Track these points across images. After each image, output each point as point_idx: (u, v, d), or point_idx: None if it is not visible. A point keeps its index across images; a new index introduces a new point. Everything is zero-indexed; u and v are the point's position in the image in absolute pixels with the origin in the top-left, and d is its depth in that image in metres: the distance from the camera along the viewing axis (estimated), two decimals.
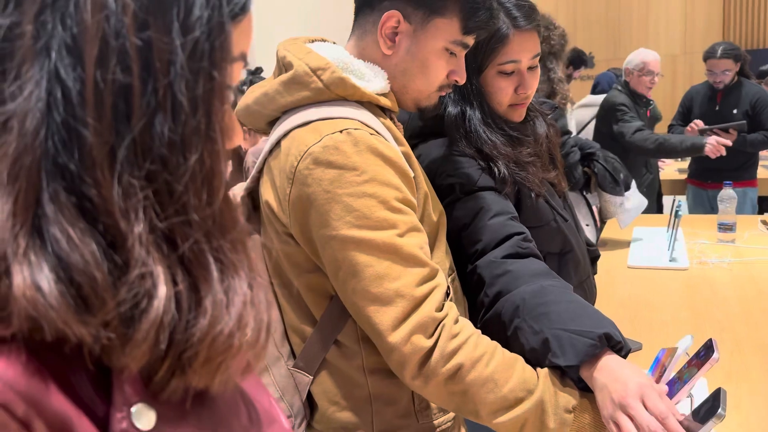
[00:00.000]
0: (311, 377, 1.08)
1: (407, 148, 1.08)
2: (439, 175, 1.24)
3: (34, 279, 0.33)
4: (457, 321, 0.95)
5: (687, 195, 3.93)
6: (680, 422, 0.91)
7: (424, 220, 1.07)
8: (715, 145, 3.04)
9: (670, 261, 2.23)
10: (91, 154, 0.36)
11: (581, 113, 4.10)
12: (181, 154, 0.39)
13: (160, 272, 0.37)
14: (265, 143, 1.08)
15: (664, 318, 1.70)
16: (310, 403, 1.14)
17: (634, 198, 2.28)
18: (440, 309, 0.94)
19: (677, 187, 4.42)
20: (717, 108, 3.71)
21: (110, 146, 0.36)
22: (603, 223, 2.86)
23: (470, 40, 1.07)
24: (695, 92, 3.89)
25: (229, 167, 0.45)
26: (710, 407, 0.89)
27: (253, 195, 1.11)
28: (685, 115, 3.88)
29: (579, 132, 4.06)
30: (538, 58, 1.31)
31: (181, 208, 0.39)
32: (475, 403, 0.94)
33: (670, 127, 3.91)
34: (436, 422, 1.11)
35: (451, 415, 1.12)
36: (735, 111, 3.66)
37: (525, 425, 0.95)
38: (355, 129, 0.95)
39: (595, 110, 4.16)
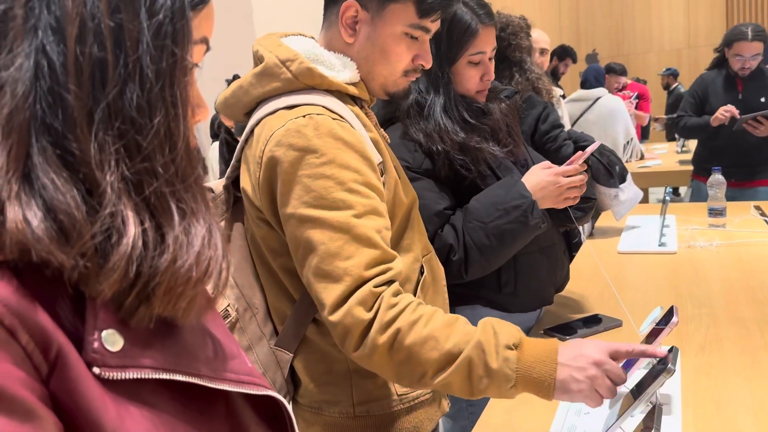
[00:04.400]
0: (291, 355, 1.14)
1: (375, 134, 1.14)
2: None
3: (25, 215, 0.41)
4: (397, 294, 0.97)
5: (692, 189, 3.69)
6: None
7: (395, 204, 1.13)
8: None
9: (660, 246, 2.27)
10: (72, 115, 0.44)
11: (572, 108, 4.11)
12: (147, 116, 0.47)
13: (129, 214, 0.45)
14: None
15: (647, 298, 1.75)
16: (294, 379, 1.20)
17: (629, 190, 2.32)
18: (380, 285, 0.96)
19: (680, 178, 4.41)
20: (740, 97, 3.35)
21: (88, 109, 0.44)
22: (597, 214, 2.91)
23: (428, 24, 1.11)
24: (709, 80, 3.48)
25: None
26: (662, 365, 0.94)
27: (235, 184, 1.17)
28: (698, 106, 3.53)
29: (572, 126, 4.07)
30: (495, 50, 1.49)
31: (146, 160, 0.46)
32: (421, 364, 0.94)
33: (680, 119, 3.60)
34: (413, 394, 1.17)
35: None
36: (763, 99, 3.32)
37: (471, 372, 0.93)
38: (318, 114, 1.01)
39: (585, 105, 4.18)
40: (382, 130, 1.23)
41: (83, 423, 0.43)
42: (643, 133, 7.06)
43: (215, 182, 1.19)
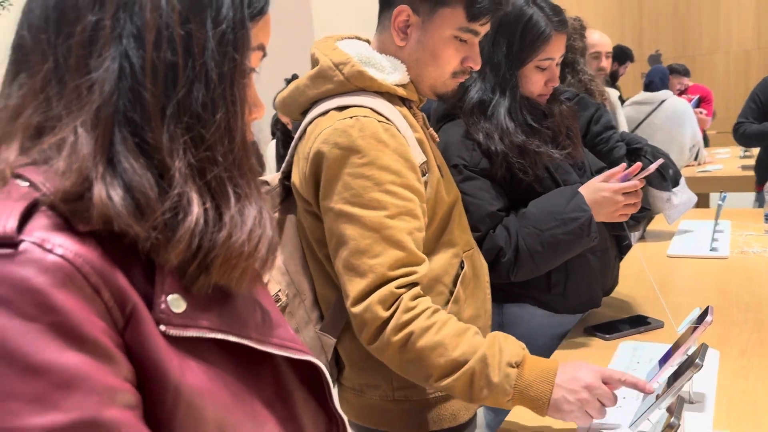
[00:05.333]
0: (335, 339, 1.21)
1: (422, 134, 1.19)
2: (450, 155, 1.43)
3: (108, 193, 0.50)
4: (416, 298, 1.03)
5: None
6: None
7: (436, 202, 1.18)
8: None
9: (711, 250, 2.24)
10: (149, 110, 0.52)
11: (635, 110, 4.03)
12: (210, 112, 0.55)
13: (193, 195, 0.53)
14: None
15: (694, 302, 1.74)
16: (338, 362, 1.27)
17: (682, 194, 2.29)
18: (401, 287, 1.03)
19: (742, 184, 4.27)
20: None
21: (162, 105, 0.53)
22: (650, 217, 2.87)
23: (478, 27, 1.16)
24: None
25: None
26: (691, 360, 0.97)
27: (288, 178, 1.25)
28: (760, 111, 3.43)
29: (633, 129, 4.00)
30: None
31: (209, 150, 0.55)
32: (427, 367, 1.01)
33: (739, 125, 3.48)
34: None
35: None
36: None
37: (473, 381, 1.00)
38: (364, 116, 1.08)
39: (650, 108, 4.09)
40: (430, 129, 1.29)
41: (151, 370, 0.51)
42: (703, 138, 6.84)
43: (271, 176, 1.27)
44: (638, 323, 1.58)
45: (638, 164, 1.49)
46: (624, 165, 1.46)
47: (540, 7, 1.48)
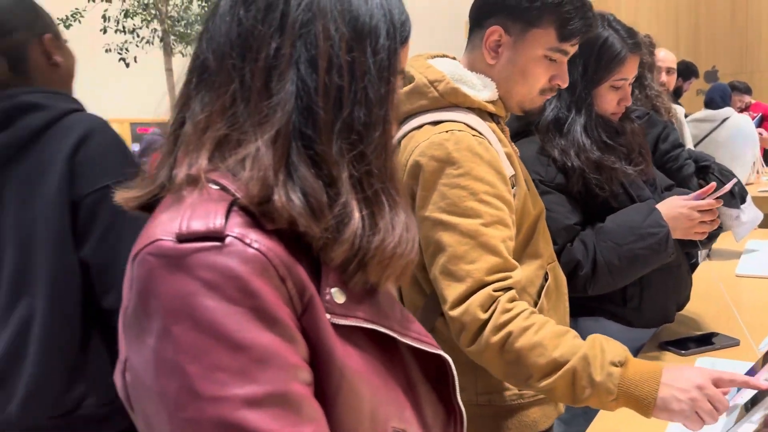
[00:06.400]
0: None
1: (510, 148, 1.24)
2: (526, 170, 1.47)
3: (289, 197, 0.57)
4: (512, 300, 1.06)
5: None
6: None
7: (523, 214, 1.23)
8: None
9: None
10: (320, 126, 0.60)
11: (697, 128, 3.98)
12: (371, 130, 0.62)
13: (354, 204, 0.60)
14: None
15: (766, 321, 1.74)
16: None
17: (750, 211, 2.28)
18: (498, 291, 1.06)
19: None
20: None
21: (332, 122, 0.60)
22: (716, 234, 2.85)
23: (568, 47, 1.21)
24: None
25: None
26: None
27: None
28: None
29: (695, 146, 3.95)
30: None
31: (368, 164, 0.62)
32: (527, 367, 1.03)
33: None
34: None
35: None
36: None
37: (575, 381, 1.01)
38: (459, 131, 1.14)
39: (712, 125, 4.04)
40: (513, 143, 1.34)
41: (321, 352, 0.58)
42: (765, 156, 6.66)
43: None
44: (712, 340, 1.59)
45: (713, 184, 1.51)
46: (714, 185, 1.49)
47: (615, 30, 1.53)
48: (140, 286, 0.54)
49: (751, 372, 1.16)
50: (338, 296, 0.60)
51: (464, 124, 1.16)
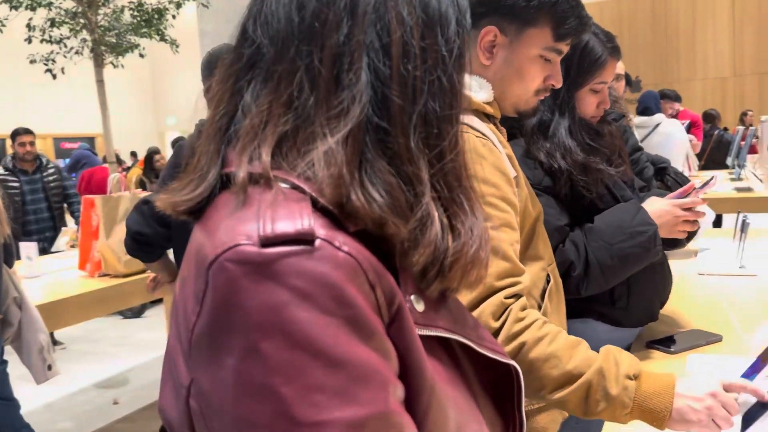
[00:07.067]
0: None
1: (510, 150, 1.22)
2: None
3: (371, 195, 0.50)
4: (524, 308, 1.04)
5: None
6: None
7: (524, 215, 1.20)
8: None
9: (740, 268, 2.30)
10: (396, 118, 0.53)
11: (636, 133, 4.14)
12: (447, 126, 0.57)
13: (432, 204, 0.54)
14: None
15: (739, 316, 1.78)
16: None
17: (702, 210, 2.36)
18: (510, 297, 1.03)
19: (729, 206, 4.35)
20: None
21: (408, 114, 0.54)
22: None
23: (563, 47, 1.20)
24: None
25: None
26: None
27: None
28: None
29: None
30: None
31: (446, 163, 0.56)
32: (540, 379, 1.01)
33: None
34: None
35: None
36: None
37: (589, 395, 0.99)
38: (463, 132, 1.10)
39: (646, 131, 4.21)
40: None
41: (412, 367, 0.52)
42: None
43: None
44: (695, 337, 1.61)
45: (692, 183, 1.54)
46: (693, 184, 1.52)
47: (595, 33, 1.54)
48: (219, 297, 0.46)
49: (755, 366, 1.18)
50: (418, 304, 0.55)
51: (467, 125, 1.12)
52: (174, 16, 8.99)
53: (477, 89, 1.21)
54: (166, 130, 17.65)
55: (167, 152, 9.54)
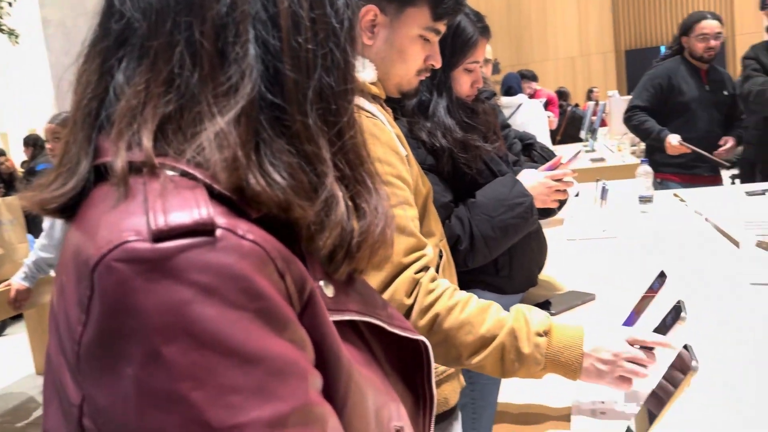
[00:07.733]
0: None
1: (398, 129, 1.23)
2: None
3: (272, 177, 0.47)
4: (433, 280, 1.06)
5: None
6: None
7: (416, 193, 1.23)
8: None
9: (603, 231, 2.50)
10: (290, 93, 0.50)
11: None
12: (343, 101, 0.54)
13: (335, 184, 0.52)
14: None
15: (606, 274, 1.94)
16: None
17: None
18: (419, 272, 1.05)
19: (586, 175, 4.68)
20: (707, 88, 3.31)
21: (303, 89, 0.51)
22: None
23: (441, 27, 1.22)
24: (671, 70, 3.32)
25: None
26: (673, 315, 1.08)
27: None
28: (658, 96, 3.36)
29: None
30: None
31: (345, 140, 0.54)
32: (456, 347, 1.04)
33: (634, 109, 3.44)
34: (441, 368, 1.26)
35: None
36: (725, 92, 3.32)
37: (503, 356, 1.03)
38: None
39: (510, 111, 4.45)
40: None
41: (328, 354, 0.49)
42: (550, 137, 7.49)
43: None
44: (572, 298, 1.73)
45: (560, 156, 1.65)
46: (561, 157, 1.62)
47: (466, 14, 1.59)
48: (109, 302, 0.41)
49: (629, 320, 1.28)
50: (327, 289, 0.52)
51: (356, 105, 1.12)
52: (10, 3, 8.19)
53: (360, 69, 1.20)
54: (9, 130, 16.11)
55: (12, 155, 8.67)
